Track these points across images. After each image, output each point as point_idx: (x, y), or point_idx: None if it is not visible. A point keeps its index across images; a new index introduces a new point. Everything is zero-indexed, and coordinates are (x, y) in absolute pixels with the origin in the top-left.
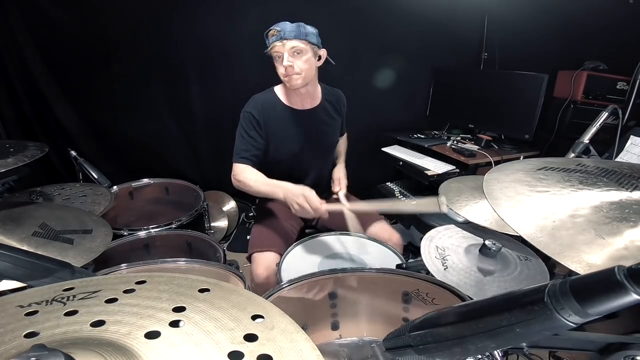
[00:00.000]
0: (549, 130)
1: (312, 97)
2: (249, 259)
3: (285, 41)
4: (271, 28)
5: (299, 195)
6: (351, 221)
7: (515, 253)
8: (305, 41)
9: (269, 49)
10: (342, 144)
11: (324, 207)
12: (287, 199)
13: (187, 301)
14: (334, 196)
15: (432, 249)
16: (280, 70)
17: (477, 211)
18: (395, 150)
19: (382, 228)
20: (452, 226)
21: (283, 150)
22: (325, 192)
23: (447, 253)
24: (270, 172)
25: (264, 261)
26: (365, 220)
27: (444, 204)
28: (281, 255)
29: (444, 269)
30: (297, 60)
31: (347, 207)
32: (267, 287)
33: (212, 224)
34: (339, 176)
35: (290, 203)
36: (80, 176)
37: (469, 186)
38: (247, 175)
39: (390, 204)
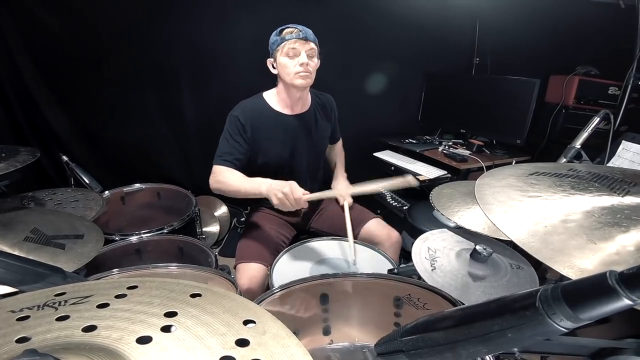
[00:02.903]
0: (541, 135)
1: (303, 102)
2: (235, 269)
3: (306, 41)
4: (287, 26)
5: (284, 186)
6: (348, 225)
7: (507, 260)
8: (317, 45)
9: (280, 45)
10: (339, 153)
11: (305, 197)
12: (269, 192)
13: (178, 306)
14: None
15: (424, 249)
16: (294, 69)
17: (469, 217)
18: (387, 156)
19: (378, 226)
20: (447, 230)
21: (272, 155)
22: None
23: (437, 255)
24: (259, 177)
25: (248, 272)
26: (360, 218)
27: (411, 178)
28: (267, 266)
29: (432, 270)
30: (310, 61)
31: (327, 195)
32: (250, 299)
33: (204, 229)
34: (340, 193)
35: (274, 194)
36: (72, 181)
37: (461, 192)
38: (227, 175)
39: (366, 186)
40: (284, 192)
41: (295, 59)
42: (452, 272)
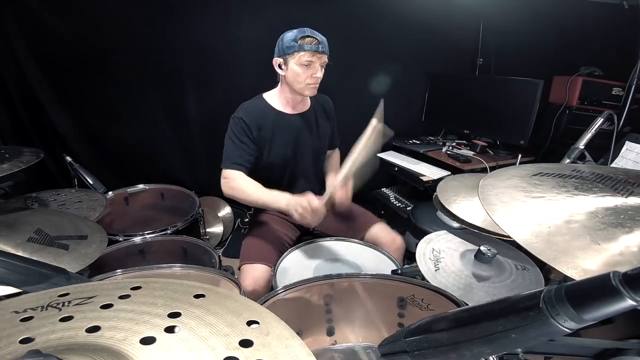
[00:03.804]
0: (544, 136)
1: (304, 102)
2: (239, 270)
3: (323, 55)
4: (306, 33)
5: (302, 200)
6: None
7: (512, 261)
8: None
9: (297, 52)
10: (335, 157)
11: (320, 203)
12: (289, 207)
13: (182, 307)
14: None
15: (428, 250)
16: (306, 80)
17: (474, 210)
18: (390, 156)
19: (382, 231)
20: (451, 231)
21: (276, 154)
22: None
23: (441, 255)
24: (263, 177)
25: (252, 273)
26: (364, 223)
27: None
28: (271, 267)
29: (435, 270)
30: (321, 73)
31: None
32: (255, 299)
33: (208, 230)
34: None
35: (294, 209)
36: (76, 182)
37: (467, 185)
38: (241, 183)
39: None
40: (303, 206)
41: (308, 71)
42: (456, 273)
